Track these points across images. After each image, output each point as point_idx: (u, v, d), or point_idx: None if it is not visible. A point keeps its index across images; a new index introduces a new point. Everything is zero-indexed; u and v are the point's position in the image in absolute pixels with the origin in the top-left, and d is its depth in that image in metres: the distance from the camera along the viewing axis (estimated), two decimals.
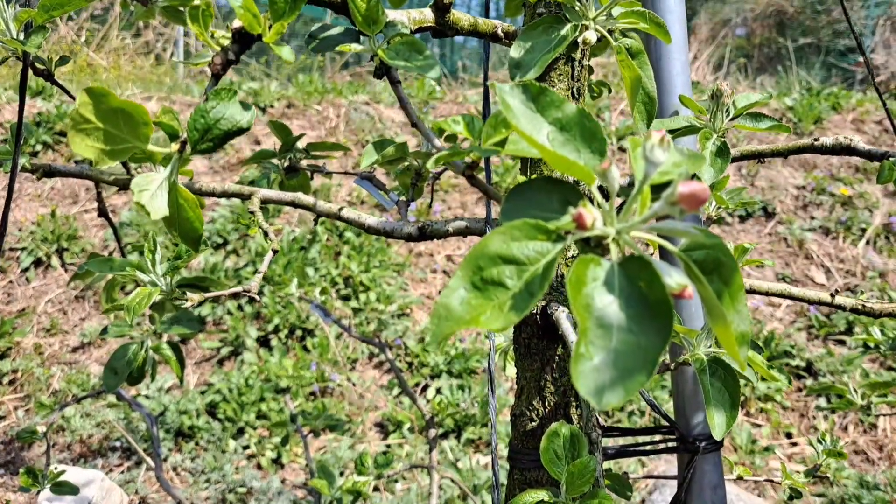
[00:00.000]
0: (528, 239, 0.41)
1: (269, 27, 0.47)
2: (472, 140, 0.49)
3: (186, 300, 0.83)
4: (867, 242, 3.97)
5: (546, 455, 0.71)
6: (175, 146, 0.46)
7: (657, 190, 0.44)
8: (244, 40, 0.47)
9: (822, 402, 3.16)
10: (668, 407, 3.00)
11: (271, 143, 3.98)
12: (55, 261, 3.31)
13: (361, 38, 0.55)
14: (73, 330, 3.11)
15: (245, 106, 0.47)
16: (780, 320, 3.60)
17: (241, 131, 0.47)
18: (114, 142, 0.45)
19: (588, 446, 0.72)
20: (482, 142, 0.48)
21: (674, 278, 0.39)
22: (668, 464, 2.63)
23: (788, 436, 3.03)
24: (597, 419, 0.74)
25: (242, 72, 5.60)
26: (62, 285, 3.25)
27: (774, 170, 4.44)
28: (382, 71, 0.54)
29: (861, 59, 7.10)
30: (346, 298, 3.29)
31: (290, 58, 0.47)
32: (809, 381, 3.23)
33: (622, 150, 4.43)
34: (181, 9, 1.38)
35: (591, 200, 0.45)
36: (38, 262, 3.32)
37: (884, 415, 1.31)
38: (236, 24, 0.47)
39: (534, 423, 0.90)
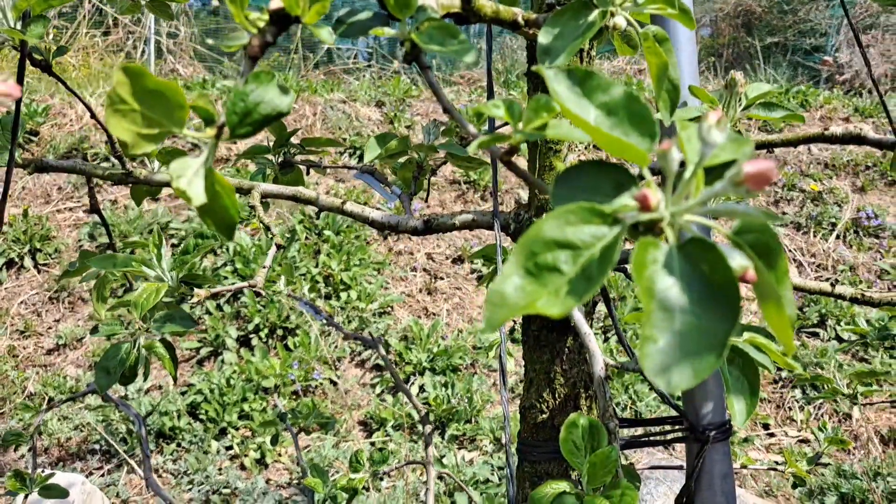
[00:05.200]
0: (583, 223, 0.40)
1: (309, 7, 0.45)
2: (512, 124, 0.48)
3: (192, 296, 0.81)
4: (837, 237, 4.04)
5: (566, 446, 0.71)
6: (211, 131, 0.45)
7: (707, 172, 0.44)
8: (282, 22, 0.46)
9: (798, 393, 3.21)
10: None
11: (246, 143, 3.94)
12: (28, 261, 3.24)
13: (391, 22, 0.54)
14: (48, 332, 3.05)
15: (283, 90, 0.45)
16: (755, 313, 3.65)
17: (280, 115, 0.45)
18: (150, 125, 0.44)
19: (607, 436, 0.72)
20: (524, 126, 0.48)
21: (736, 260, 0.38)
22: (659, 452, 2.65)
23: (765, 427, 3.07)
24: (613, 410, 0.74)
25: (215, 70, 5.53)
26: (35, 287, 3.18)
27: None
28: (412, 56, 0.53)
29: (826, 58, 7.24)
30: (327, 297, 3.27)
31: (329, 39, 0.46)
32: (784, 373, 3.28)
33: None
34: (168, 3, 1.35)
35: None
36: (10, 263, 3.24)
37: (867, 404, 1.33)
38: (274, 4, 0.45)
39: (544, 416, 0.90)
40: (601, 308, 3.11)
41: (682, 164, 0.43)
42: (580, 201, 0.41)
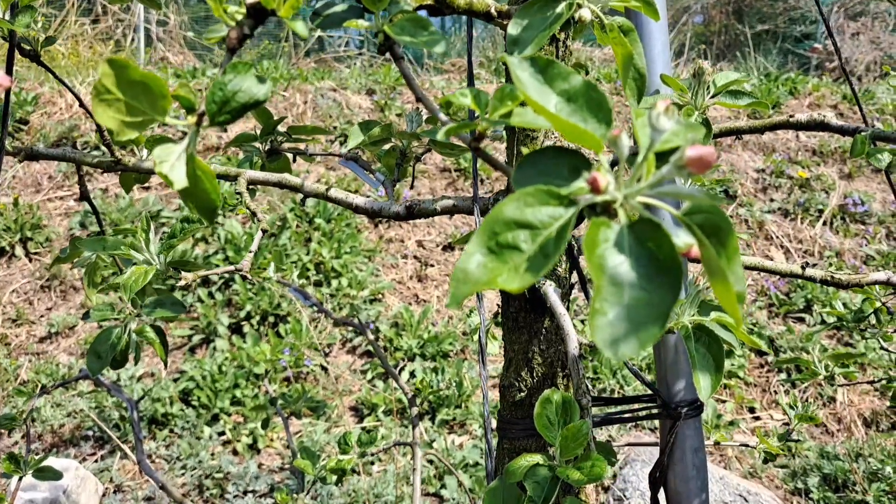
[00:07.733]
0: (541, 204, 0.43)
1: (284, 2, 0.48)
2: (479, 112, 0.51)
3: (180, 279, 0.83)
4: (824, 223, 4.08)
5: (540, 420, 0.74)
6: (192, 119, 0.48)
7: (659, 157, 0.47)
8: (259, 15, 0.48)
9: (783, 377, 3.25)
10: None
11: (236, 131, 3.95)
12: (19, 250, 3.25)
13: (366, 14, 0.56)
14: (40, 320, 3.06)
15: (261, 79, 0.48)
16: None
17: (257, 103, 0.48)
18: (134, 114, 0.46)
19: (579, 412, 0.75)
20: (490, 114, 0.50)
21: (681, 238, 0.41)
22: (646, 435, 2.69)
23: (751, 410, 3.12)
24: (587, 386, 0.77)
25: (205, 58, 5.52)
26: (27, 275, 3.19)
27: (735, 153, 4.53)
28: (386, 47, 0.56)
29: (816, 45, 7.27)
30: (318, 284, 3.29)
31: (304, 32, 0.49)
32: (771, 358, 3.33)
33: None
34: None
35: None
36: (1, 252, 3.25)
37: (843, 385, 1.36)
38: None
39: (522, 394, 0.93)
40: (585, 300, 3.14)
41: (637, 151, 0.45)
42: (539, 184, 0.44)
